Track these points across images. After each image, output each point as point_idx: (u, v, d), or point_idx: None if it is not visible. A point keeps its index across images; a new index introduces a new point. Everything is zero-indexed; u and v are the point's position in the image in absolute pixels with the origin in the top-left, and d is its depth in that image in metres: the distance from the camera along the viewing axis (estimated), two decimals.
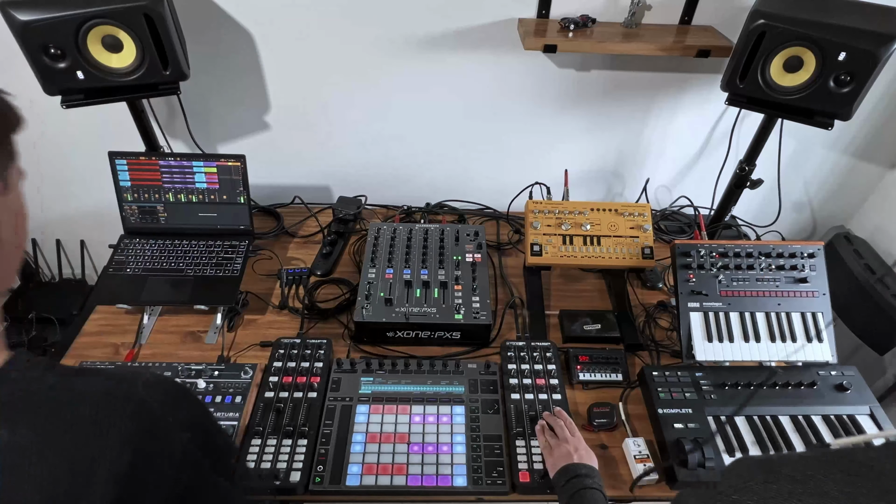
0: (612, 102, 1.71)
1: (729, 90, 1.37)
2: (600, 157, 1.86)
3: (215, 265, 1.45)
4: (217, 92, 1.66)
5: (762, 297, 1.33)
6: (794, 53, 1.25)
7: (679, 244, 1.37)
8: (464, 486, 1.07)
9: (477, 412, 1.20)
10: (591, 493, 0.95)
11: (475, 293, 1.40)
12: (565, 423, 1.13)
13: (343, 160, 1.84)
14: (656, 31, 1.48)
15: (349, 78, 1.63)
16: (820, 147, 1.82)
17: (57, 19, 1.18)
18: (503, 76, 1.63)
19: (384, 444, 1.13)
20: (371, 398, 1.21)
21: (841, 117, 1.29)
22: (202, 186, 1.48)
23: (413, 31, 1.54)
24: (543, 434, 1.12)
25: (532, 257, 1.44)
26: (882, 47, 1.16)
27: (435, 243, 1.53)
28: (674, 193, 1.95)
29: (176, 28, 1.31)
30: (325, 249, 1.62)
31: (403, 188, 1.89)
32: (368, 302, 1.37)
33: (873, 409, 1.22)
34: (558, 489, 1.00)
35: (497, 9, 1.49)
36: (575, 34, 1.43)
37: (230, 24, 1.51)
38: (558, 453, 1.05)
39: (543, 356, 1.31)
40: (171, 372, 1.24)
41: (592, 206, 1.50)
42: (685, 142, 1.82)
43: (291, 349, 1.30)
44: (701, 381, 1.24)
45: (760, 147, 1.55)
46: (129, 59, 1.28)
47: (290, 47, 1.56)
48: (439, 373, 1.27)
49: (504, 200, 1.74)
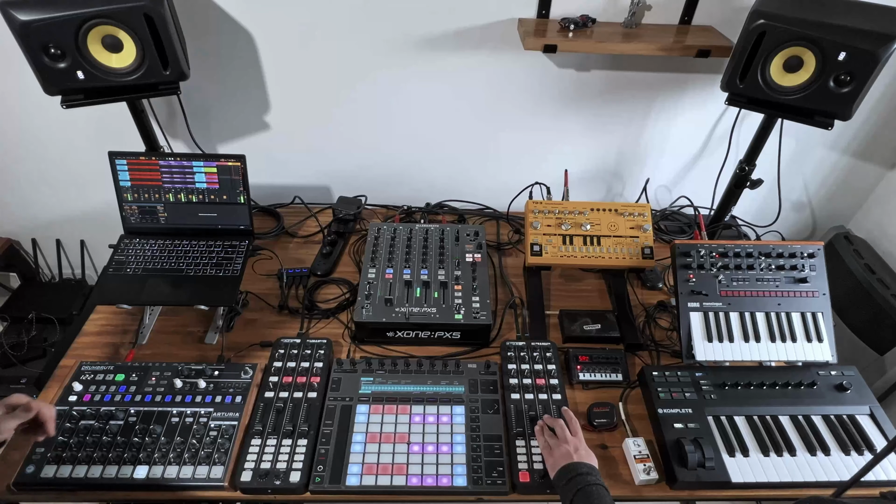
0: (612, 102, 1.71)
1: (729, 90, 1.37)
2: (600, 157, 1.86)
3: (215, 265, 1.45)
4: (217, 92, 1.66)
5: (762, 297, 1.33)
6: (794, 53, 1.25)
7: (679, 244, 1.37)
8: (464, 486, 1.07)
9: (477, 412, 1.20)
10: (595, 489, 0.95)
11: (475, 293, 1.40)
12: (569, 422, 1.13)
13: (343, 160, 1.84)
14: (656, 31, 1.48)
15: (349, 78, 1.63)
16: (820, 147, 1.82)
17: (57, 19, 1.18)
18: (503, 76, 1.63)
19: (384, 444, 1.13)
20: (371, 398, 1.21)
21: (841, 117, 1.29)
22: (202, 186, 1.48)
23: (413, 31, 1.54)
24: (542, 434, 1.12)
25: (532, 257, 1.44)
26: (882, 47, 1.16)
27: (435, 243, 1.53)
28: (674, 193, 1.95)
29: (176, 28, 1.31)
30: (325, 249, 1.62)
31: (403, 188, 1.89)
32: (368, 302, 1.37)
33: (873, 409, 1.22)
34: (559, 489, 1.00)
35: (497, 9, 1.49)
36: (575, 34, 1.43)
37: (230, 24, 1.51)
38: (558, 453, 1.05)
39: (543, 356, 1.31)
40: (171, 372, 1.24)
41: (592, 206, 1.50)
42: (685, 142, 1.82)
43: (291, 349, 1.30)
44: (701, 381, 1.24)
45: (760, 147, 1.55)
46: (129, 59, 1.28)
47: (291, 47, 1.56)
48: (439, 373, 1.27)
49: (504, 200, 1.74)
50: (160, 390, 1.21)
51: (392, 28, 1.53)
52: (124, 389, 1.20)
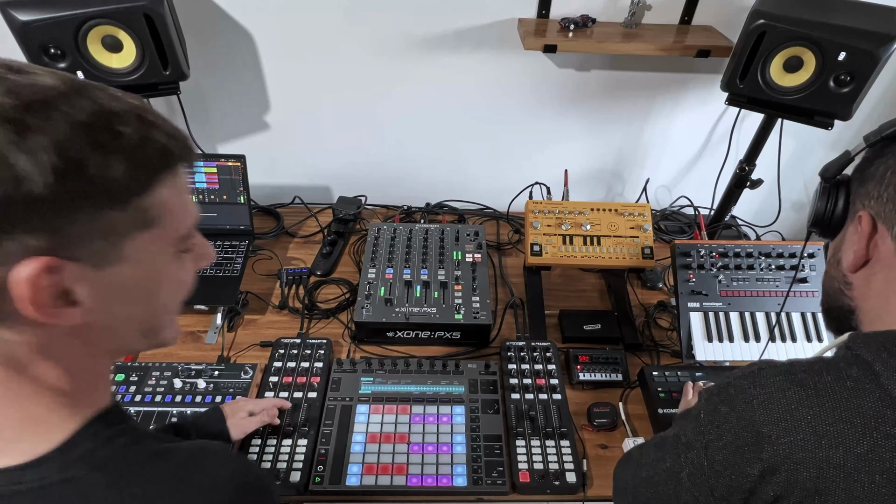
0: (612, 102, 1.71)
1: (729, 90, 1.37)
2: (600, 157, 1.86)
3: (215, 265, 1.45)
4: (217, 92, 1.66)
5: (762, 297, 1.33)
6: (794, 53, 1.25)
7: (679, 244, 1.37)
8: (464, 486, 1.07)
9: (477, 412, 1.20)
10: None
11: (475, 293, 1.40)
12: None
13: (343, 160, 1.84)
14: (656, 31, 1.48)
15: (349, 78, 1.63)
16: (820, 147, 1.82)
17: (57, 19, 1.18)
18: (503, 76, 1.63)
19: (384, 444, 1.13)
20: (371, 398, 1.21)
21: (841, 117, 1.29)
22: (202, 186, 1.48)
23: (413, 30, 1.54)
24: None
25: (532, 257, 1.44)
26: (882, 47, 1.16)
27: (435, 243, 1.53)
28: (674, 193, 1.95)
29: (176, 28, 1.31)
30: (325, 249, 1.62)
31: (403, 188, 1.89)
32: (368, 302, 1.37)
33: None
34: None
35: (497, 9, 1.49)
36: (575, 34, 1.43)
37: (230, 24, 1.51)
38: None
39: (543, 356, 1.31)
40: (171, 372, 1.24)
41: (592, 206, 1.50)
42: (685, 142, 1.82)
43: (291, 349, 1.30)
44: (701, 381, 1.24)
45: (760, 147, 1.55)
46: (129, 59, 1.28)
47: (291, 47, 1.56)
48: (439, 373, 1.27)
49: (504, 200, 1.74)
50: (160, 390, 1.21)
51: (392, 28, 1.53)
52: (124, 389, 1.20)
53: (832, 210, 0.68)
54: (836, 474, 0.51)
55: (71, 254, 0.43)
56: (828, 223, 0.68)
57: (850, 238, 0.64)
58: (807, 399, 0.54)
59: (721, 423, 0.59)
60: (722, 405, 0.60)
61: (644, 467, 0.72)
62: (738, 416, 0.57)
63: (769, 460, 0.54)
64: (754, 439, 0.55)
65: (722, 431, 0.58)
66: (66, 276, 0.43)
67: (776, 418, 0.54)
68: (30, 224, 0.40)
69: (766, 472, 0.54)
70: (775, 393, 0.56)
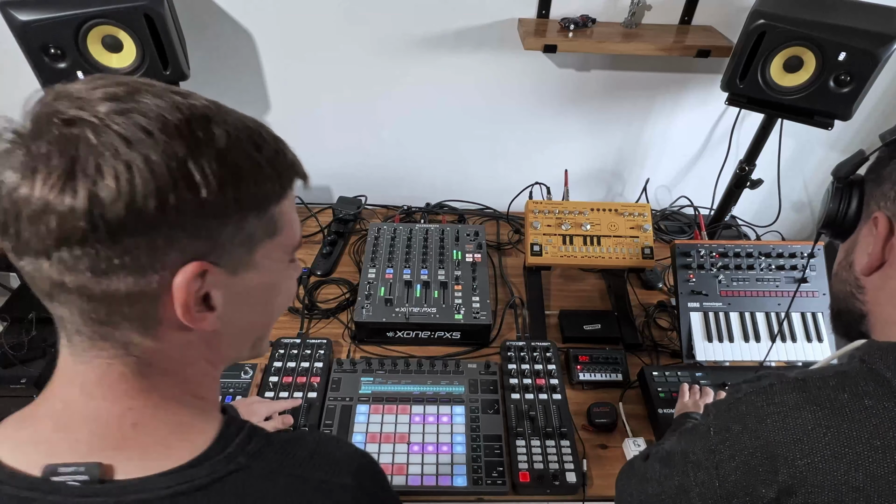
0: (612, 102, 1.71)
1: (729, 90, 1.37)
2: (600, 157, 1.86)
3: None
4: (217, 92, 1.66)
5: (762, 297, 1.33)
6: (794, 53, 1.25)
7: (679, 244, 1.37)
8: (464, 486, 1.07)
9: (477, 412, 1.20)
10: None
11: (475, 293, 1.40)
12: (704, 394, 1.17)
13: (343, 160, 1.84)
14: (656, 31, 1.48)
15: (349, 78, 1.63)
16: (820, 147, 1.82)
17: (57, 19, 1.18)
18: (503, 76, 1.63)
19: (384, 444, 1.13)
20: (371, 398, 1.21)
21: (841, 117, 1.29)
22: None
23: (413, 30, 1.54)
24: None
25: (532, 257, 1.44)
26: (882, 47, 1.16)
27: (435, 243, 1.53)
28: (674, 193, 1.95)
29: (176, 28, 1.31)
30: (325, 249, 1.62)
31: (403, 188, 1.89)
32: (369, 302, 1.37)
33: None
34: (673, 423, 1.06)
35: (497, 9, 1.49)
36: (575, 34, 1.43)
37: (230, 24, 1.51)
38: (690, 402, 1.12)
39: (543, 356, 1.31)
40: None
41: (592, 206, 1.50)
42: (685, 142, 1.82)
43: (291, 349, 1.30)
44: (701, 381, 1.24)
45: (760, 147, 1.55)
46: (129, 60, 1.28)
47: (291, 47, 1.56)
48: (439, 373, 1.27)
49: (504, 200, 1.74)
50: None
51: (392, 28, 1.53)
52: None
53: (845, 211, 0.65)
54: (855, 497, 0.49)
55: (216, 259, 0.45)
56: (840, 224, 0.65)
57: (864, 240, 0.62)
58: (824, 419, 0.52)
59: (733, 443, 0.57)
60: (733, 423, 0.58)
61: (651, 483, 0.70)
62: (752, 436, 0.56)
63: (786, 482, 0.52)
64: (769, 460, 0.54)
65: (734, 451, 0.57)
66: (208, 281, 0.45)
67: (792, 439, 0.53)
68: (194, 230, 0.43)
69: (783, 494, 0.52)
70: (790, 412, 0.54)
